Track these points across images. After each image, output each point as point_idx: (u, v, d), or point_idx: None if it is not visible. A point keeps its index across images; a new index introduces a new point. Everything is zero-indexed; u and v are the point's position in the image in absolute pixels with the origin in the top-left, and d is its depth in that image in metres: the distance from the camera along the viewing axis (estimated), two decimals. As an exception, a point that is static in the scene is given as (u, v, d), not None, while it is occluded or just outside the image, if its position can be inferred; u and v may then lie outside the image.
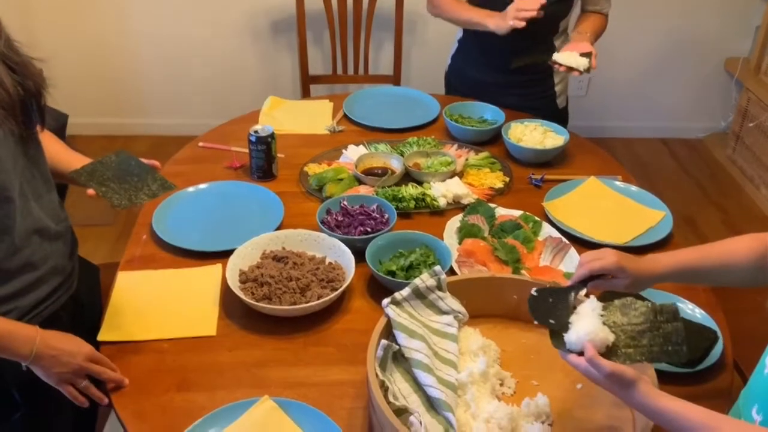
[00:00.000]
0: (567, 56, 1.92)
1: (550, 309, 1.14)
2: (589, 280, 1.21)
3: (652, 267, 1.22)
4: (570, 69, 1.91)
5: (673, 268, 1.22)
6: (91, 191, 1.34)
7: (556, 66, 1.93)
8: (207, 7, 3.37)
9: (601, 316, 1.11)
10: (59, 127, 1.78)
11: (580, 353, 1.06)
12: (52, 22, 3.38)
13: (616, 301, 1.12)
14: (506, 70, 2.12)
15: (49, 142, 1.39)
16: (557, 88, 2.25)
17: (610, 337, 1.07)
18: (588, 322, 1.08)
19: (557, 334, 1.11)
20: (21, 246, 1.26)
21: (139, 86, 3.59)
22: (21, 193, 1.24)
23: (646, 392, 1.01)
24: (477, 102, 2.16)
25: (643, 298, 1.22)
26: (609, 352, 1.07)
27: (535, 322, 1.14)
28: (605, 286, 1.21)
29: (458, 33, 2.27)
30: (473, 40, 2.19)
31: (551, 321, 1.11)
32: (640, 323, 1.10)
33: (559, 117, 2.27)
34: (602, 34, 2.13)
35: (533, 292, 1.17)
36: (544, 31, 1.95)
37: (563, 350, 1.09)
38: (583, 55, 1.92)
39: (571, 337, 1.08)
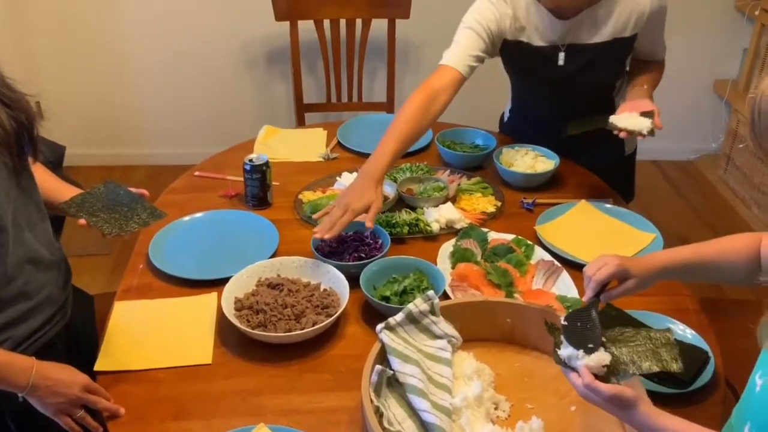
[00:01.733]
0: (626, 118, 1.74)
1: (582, 333, 1.13)
2: (600, 292, 1.22)
3: (651, 263, 1.24)
4: (631, 133, 1.72)
5: (671, 262, 1.24)
6: (82, 221, 1.36)
7: (616, 132, 1.73)
8: (202, 38, 3.42)
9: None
10: (56, 159, 1.80)
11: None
12: (50, 57, 3.43)
13: (608, 333, 1.14)
14: (564, 133, 1.99)
15: (39, 174, 1.41)
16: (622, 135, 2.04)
17: (606, 358, 1.09)
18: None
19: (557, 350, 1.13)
20: (14, 275, 1.28)
21: (135, 117, 3.63)
22: (14, 222, 1.26)
23: (646, 412, 1.02)
24: (469, 127, 2.19)
25: (635, 325, 1.24)
26: (607, 371, 1.08)
27: (578, 351, 1.10)
28: (616, 294, 1.23)
29: (508, 92, 2.19)
30: (526, 107, 2.12)
31: (590, 346, 1.09)
32: (635, 342, 1.12)
33: (624, 164, 2.17)
34: (661, 78, 2.00)
35: (563, 321, 1.15)
36: (602, 93, 1.84)
37: (565, 367, 1.10)
38: (643, 114, 1.74)
39: (563, 353, 1.10)
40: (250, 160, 1.81)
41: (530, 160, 1.98)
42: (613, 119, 1.75)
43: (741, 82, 3.58)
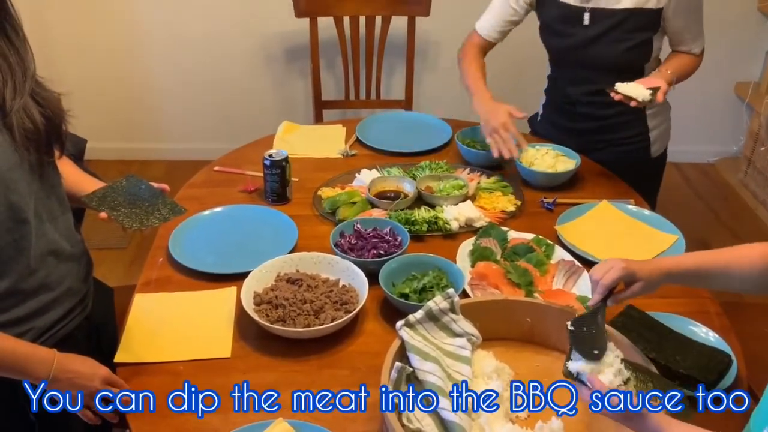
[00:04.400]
0: (631, 87, 1.80)
1: (588, 339, 1.13)
2: (608, 296, 1.22)
3: (657, 266, 1.23)
4: (628, 98, 1.78)
5: (677, 267, 1.23)
6: (103, 214, 1.37)
7: (612, 94, 1.81)
8: (222, 34, 3.43)
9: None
10: (78, 152, 1.81)
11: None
12: (70, 51, 3.45)
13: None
14: (594, 117, 2.07)
15: (64, 167, 1.42)
16: (652, 134, 2.09)
17: (625, 372, 1.09)
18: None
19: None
20: (36, 267, 1.28)
21: (154, 112, 3.65)
22: (36, 214, 1.27)
23: (657, 421, 1.01)
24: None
25: (657, 328, 1.22)
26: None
27: (579, 357, 1.11)
28: (623, 297, 1.23)
29: (544, 84, 2.24)
30: (558, 91, 2.15)
31: (595, 352, 1.10)
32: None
33: (650, 167, 2.15)
34: (690, 74, 2.01)
35: (569, 327, 1.15)
36: (629, 77, 1.86)
37: (573, 380, 1.09)
38: (650, 89, 1.79)
39: (573, 366, 1.09)
40: (270, 156, 1.81)
41: (551, 160, 1.96)
42: (618, 85, 1.82)
43: (763, 85, 3.53)
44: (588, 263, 1.62)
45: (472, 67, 2.09)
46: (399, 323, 1.25)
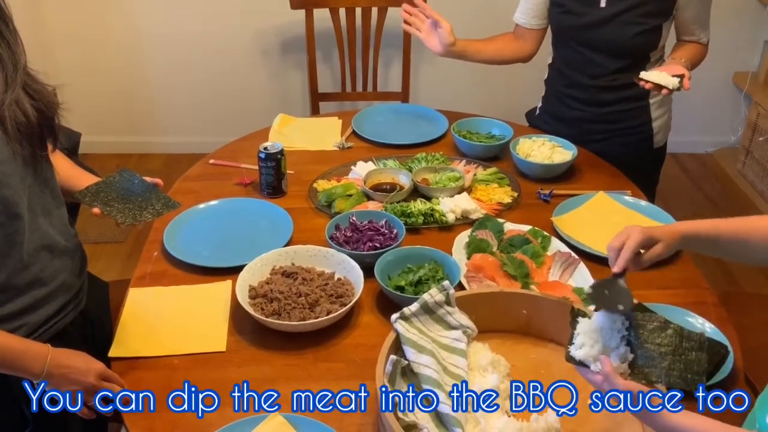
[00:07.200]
0: (656, 74, 1.80)
1: (610, 298, 1.15)
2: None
3: (675, 228, 1.25)
4: (658, 87, 1.77)
5: (694, 230, 1.24)
6: (96, 210, 1.37)
7: (642, 83, 1.79)
8: (218, 27, 3.41)
9: (626, 331, 1.12)
10: (72, 146, 1.80)
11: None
12: (69, 45, 3.44)
13: (648, 324, 1.13)
14: (596, 103, 2.07)
15: (58, 161, 1.41)
16: (655, 124, 2.10)
17: (629, 355, 1.08)
18: (603, 338, 1.10)
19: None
20: (30, 262, 1.28)
21: (151, 105, 3.64)
22: (30, 208, 1.26)
23: (665, 413, 1.00)
24: (485, 117, 2.17)
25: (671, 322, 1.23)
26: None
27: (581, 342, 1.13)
28: (647, 259, 1.23)
29: (544, 75, 2.23)
30: (560, 76, 2.14)
31: (620, 307, 1.13)
32: (665, 345, 1.10)
33: (651, 158, 2.16)
34: (700, 63, 2.03)
35: (588, 289, 1.20)
36: (633, 63, 1.89)
37: (578, 365, 1.09)
38: (674, 76, 1.79)
39: (577, 354, 1.09)
40: (265, 149, 1.81)
41: (547, 151, 1.95)
42: (643, 74, 1.81)
43: (761, 74, 3.52)
44: (584, 255, 1.62)
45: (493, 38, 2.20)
46: (394, 316, 1.24)
